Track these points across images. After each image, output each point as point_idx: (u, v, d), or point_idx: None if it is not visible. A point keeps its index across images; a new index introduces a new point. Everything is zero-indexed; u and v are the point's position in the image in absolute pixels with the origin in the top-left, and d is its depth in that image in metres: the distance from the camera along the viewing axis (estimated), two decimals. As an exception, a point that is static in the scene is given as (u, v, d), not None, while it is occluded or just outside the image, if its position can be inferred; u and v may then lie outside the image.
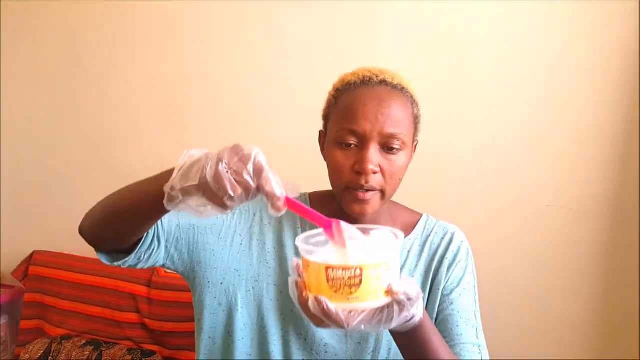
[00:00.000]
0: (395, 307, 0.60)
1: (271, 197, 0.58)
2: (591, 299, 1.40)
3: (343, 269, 0.58)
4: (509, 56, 1.38)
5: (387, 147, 0.78)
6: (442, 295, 0.86)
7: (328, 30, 1.50)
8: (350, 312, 0.59)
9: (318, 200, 0.93)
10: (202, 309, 0.88)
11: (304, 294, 0.61)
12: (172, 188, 0.61)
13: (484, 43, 1.39)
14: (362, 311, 0.59)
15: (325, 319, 0.59)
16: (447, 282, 0.87)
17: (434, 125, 1.43)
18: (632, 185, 1.33)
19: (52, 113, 1.80)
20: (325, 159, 0.84)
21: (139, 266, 0.82)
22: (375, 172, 0.78)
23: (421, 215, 0.94)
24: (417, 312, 0.63)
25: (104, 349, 1.52)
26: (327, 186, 0.85)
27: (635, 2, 1.27)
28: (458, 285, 0.87)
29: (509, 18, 1.37)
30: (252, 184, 0.58)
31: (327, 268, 0.59)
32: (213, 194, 0.58)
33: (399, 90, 0.81)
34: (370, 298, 0.59)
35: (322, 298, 0.59)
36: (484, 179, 1.43)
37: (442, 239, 0.90)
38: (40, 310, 1.65)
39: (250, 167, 0.58)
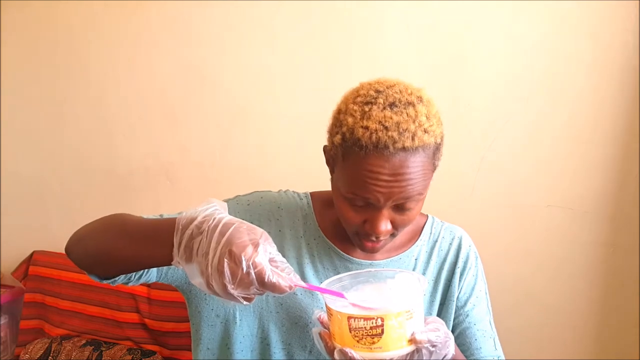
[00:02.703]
0: (424, 352, 0.60)
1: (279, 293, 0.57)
2: (591, 299, 1.40)
3: (365, 319, 0.58)
4: (509, 56, 1.38)
5: (400, 206, 0.72)
6: (457, 307, 0.86)
7: (328, 30, 1.50)
8: None
9: (321, 203, 0.89)
10: (199, 320, 0.86)
11: (329, 343, 0.62)
12: (179, 262, 0.59)
13: (484, 43, 1.39)
14: (391, 359, 0.59)
15: None
16: (460, 293, 0.86)
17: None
18: (632, 185, 1.33)
19: (52, 113, 1.80)
20: (331, 188, 0.79)
21: (130, 284, 0.78)
22: (387, 231, 0.73)
23: (426, 218, 0.92)
24: (448, 350, 0.64)
25: (104, 349, 1.52)
26: (328, 186, 0.84)
27: (635, 2, 1.27)
28: (471, 294, 0.87)
29: (509, 18, 1.37)
30: (261, 292, 0.56)
31: (349, 318, 0.59)
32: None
33: (421, 151, 0.68)
34: (393, 347, 0.59)
35: (347, 349, 0.59)
36: (484, 179, 1.43)
37: (450, 244, 0.89)
38: (40, 310, 1.65)
39: (253, 279, 0.54)
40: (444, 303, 0.86)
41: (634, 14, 1.27)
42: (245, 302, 0.56)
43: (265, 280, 0.54)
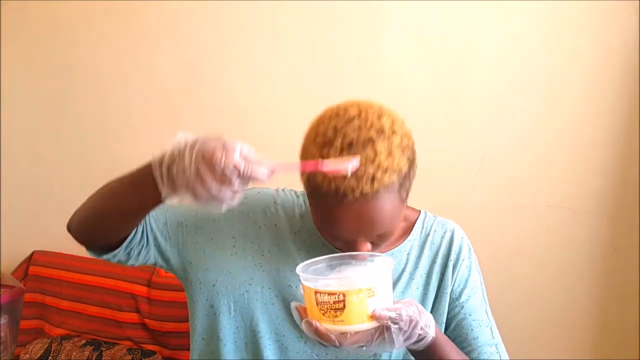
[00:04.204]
0: (394, 329, 0.64)
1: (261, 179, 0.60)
2: (591, 299, 1.40)
3: (329, 294, 0.63)
4: (509, 56, 1.38)
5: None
6: (451, 299, 0.86)
7: (328, 30, 1.50)
8: (343, 333, 0.64)
9: None
10: (195, 310, 0.87)
11: (303, 316, 0.67)
12: (167, 194, 0.63)
13: (484, 43, 1.39)
14: (356, 333, 0.64)
15: (317, 339, 0.65)
16: (454, 285, 0.86)
17: (435, 125, 1.43)
18: (632, 185, 1.33)
19: (52, 113, 1.80)
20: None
21: (130, 262, 0.82)
22: (368, 252, 0.75)
23: (419, 213, 0.92)
24: (428, 331, 0.67)
25: (104, 349, 1.52)
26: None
27: (635, 2, 1.27)
28: (465, 286, 0.86)
29: (509, 18, 1.37)
30: (245, 183, 0.60)
31: (316, 292, 0.64)
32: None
33: (382, 192, 0.67)
34: (355, 322, 0.64)
35: (313, 321, 0.65)
36: (484, 179, 1.43)
37: (442, 237, 0.89)
38: (40, 310, 1.65)
39: (231, 173, 0.59)
40: (438, 296, 0.87)
41: (634, 14, 1.28)
42: (233, 201, 0.60)
43: (242, 171, 0.58)
